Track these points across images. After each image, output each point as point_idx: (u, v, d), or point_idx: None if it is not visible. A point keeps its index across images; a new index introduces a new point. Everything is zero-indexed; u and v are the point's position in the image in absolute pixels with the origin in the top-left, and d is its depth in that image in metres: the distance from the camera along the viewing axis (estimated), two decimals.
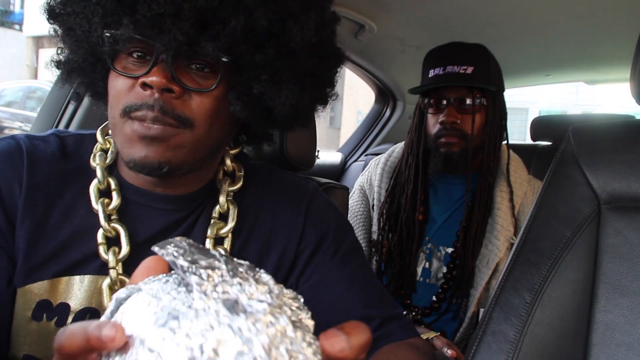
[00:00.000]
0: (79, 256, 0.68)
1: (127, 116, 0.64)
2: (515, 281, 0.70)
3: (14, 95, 7.88)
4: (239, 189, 0.78)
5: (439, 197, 1.47)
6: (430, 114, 1.41)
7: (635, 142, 0.74)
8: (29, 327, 0.67)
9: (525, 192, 1.40)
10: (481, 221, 1.37)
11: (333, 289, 0.76)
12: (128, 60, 0.65)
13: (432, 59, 1.44)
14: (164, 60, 0.62)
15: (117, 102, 0.65)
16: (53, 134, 0.75)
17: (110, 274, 0.67)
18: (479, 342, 0.68)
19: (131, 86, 0.64)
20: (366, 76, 2.42)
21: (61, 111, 1.35)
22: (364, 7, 1.66)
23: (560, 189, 0.76)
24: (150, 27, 0.60)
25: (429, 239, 1.44)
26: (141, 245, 0.70)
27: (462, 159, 1.37)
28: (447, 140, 1.36)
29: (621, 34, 1.80)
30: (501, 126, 1.43)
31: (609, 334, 0.68)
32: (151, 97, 0.62)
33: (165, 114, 0.62)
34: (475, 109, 1.36)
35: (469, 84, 1.35)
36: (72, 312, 0.67)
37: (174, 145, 0.64)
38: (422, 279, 1.42)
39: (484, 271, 1.33)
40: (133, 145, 0.64)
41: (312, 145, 1.34)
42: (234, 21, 0.60)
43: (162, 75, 0.61)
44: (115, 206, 0.70)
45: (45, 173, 0.70)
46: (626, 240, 0.70)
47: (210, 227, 0.74)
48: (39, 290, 0.67)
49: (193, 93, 0.64)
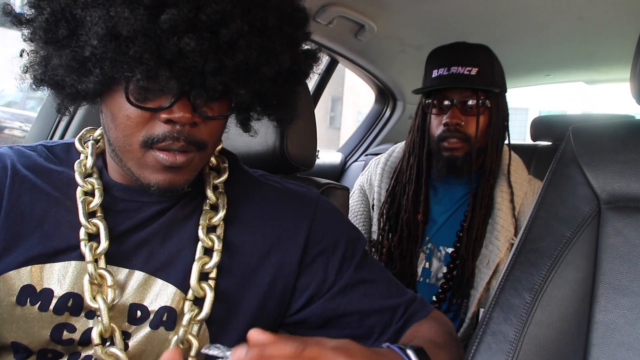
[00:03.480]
0: (63, 244, 0.71)
1: (148, 147, 0.66)
2: (515, 281, 0.70)
3: (14, 95, 7.87)
4: (226, 179, 0.80)
5: (439, 197, 1.47)
6: (434, 115, 1.40)
7: (635, 142, 0.74)
8: (14, 313, 0.68)
9: (526, 193, 1.40)
10: (482, 222, 1.36)
11: (358, 290, 0.80)
12: (141, 91, 0.63)
13: (436, 58, 1.42)
14: (187, 94, 0.63)
15: (134, 132, 0.65)
16: (40, 144, 0.79)
17: (88, 268, 0.69)
18: (479, 342, 0.68)
19: (149, 118, 0.64)
20: (366, 76, 2.42)
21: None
22: (364, 7, 1.66)
23: (560, 189, 0.76)
24: (186, 84, 0.61)
25: (429, 239, 1.43)
26: (125, 234, 0.73)
27: (466, 163, 1.37)
28: (451, 145, 1.36)
29: (621, 34, 1.80)
30: (503, 127, 1.42)
31: (609, 334, 0.68)
32: (174, 129, 0.64)
33: (190, 143, 0.66)
34: (479, 111, 1.35)
35: (473, 86, 1.34)
36: (55, 297, 0.69)
37: (191, 168, 0.69)
38: (422, 279, 1.42)
39: (484, 271, 1.33)
40: (157, 174, 0.67)
41: (312, 146, 1.33)
42: (265, 69, 0.64)
43: (185, 110, 0.63)
44: (96, 204, 0.72)
45: (31, 169, 0.73)
46: (626, 240, 0.70)
47: (202, 216, 0.76)
48: (22, 276, 0.69)
49: (209, 120, 0.68)
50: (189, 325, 0.71)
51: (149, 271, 0.72)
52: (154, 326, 0.71)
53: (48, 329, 0.69)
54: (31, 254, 0.69)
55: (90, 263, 0.69)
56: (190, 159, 0.67)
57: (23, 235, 0.70)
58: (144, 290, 0.72)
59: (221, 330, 0.75)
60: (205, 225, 0.75)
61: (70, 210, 0.72)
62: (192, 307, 0.71)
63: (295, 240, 0.80)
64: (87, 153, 0.76)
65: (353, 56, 2.12)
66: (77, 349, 0.70)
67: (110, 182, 0.75)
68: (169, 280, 0.73)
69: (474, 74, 1.33)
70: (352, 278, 0.80)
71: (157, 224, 0.74)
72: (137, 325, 0.71)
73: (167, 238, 0.75)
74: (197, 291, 0.72)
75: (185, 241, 0.75)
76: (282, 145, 1.25)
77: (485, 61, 1.37)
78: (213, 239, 0.74)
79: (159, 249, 0.74)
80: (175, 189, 0.69)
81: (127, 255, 0.72)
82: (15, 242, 0.69)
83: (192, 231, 0.76)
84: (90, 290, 0.68)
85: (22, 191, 0.72)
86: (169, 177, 0.67)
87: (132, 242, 0.73)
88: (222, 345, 0.56)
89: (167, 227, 0.75)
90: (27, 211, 0.71)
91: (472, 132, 1.35)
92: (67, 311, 0.69)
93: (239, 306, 0.76)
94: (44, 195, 0.72)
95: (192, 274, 0.72)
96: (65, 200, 0.73)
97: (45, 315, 0.68)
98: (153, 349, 0.72)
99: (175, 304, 0.72)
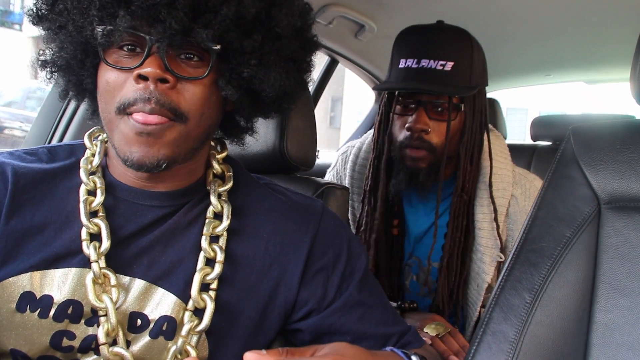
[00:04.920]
0: (64, 250, 0.70)
1: (122, 113, 0.65)
2: (515, 281, 0.70)
3: (14, 95, 7.87)
4: (230, 188, 0.79)
5: (414, 206, 1.28)
6: (397, 115, 1.18)
7: (635, 142, 0.74)
8: (14, 320, 0.68)
9: (513, 196, 1.19)
10: (459, 243, 1.18)
11: (356, 312, 0.80)
12: (119, 54, 0.67)
13: (404, 44, 1.19)
14: (156, 51, 0.64)
15: (111, 98, 0.66)
16: (42, 147, 0.79)
17: (93, 267, 0.68)
18: (479, 342, 0.68)
19: (124, 81, 0.66)
20: (366, 76, 2.42)
21: (61, 111, 1.35)
22: (364, 7, 1.66)
23: (560, 189, 0.76)
24: (144, 19, 0.62)
25: (411, 253, 1.28)
26: (127, 239, 0.72)
27: (429, 176, 1.17)
28: (413, 155, 1.15)
29: (621, 34, 1.80)
30: (481, 132, 1.20)
31: (609, 334, 0.68)
32: (146, 90, 0.64)
33: (162, 106, 0.64)
34: (450, 117, 1.13)
35: (444, 90, 1.11)
36: (55, 304, 0.68)
37: (169, 140, 0.66)
38: (412, 292, 1.33)
39: (475, 295, 1.20)
40: (130, 144, 0.66)
41: (312, 146, 1.33)
42: (225, 9, 0.63)
43: (156, 65, 0.63)
44: (98, 203, 0.71)
45: (32, 176, 0.72)
46: (626, 240, 0.70)
47: (206, 225, 0.75)
48: (22, 282, 0.68)
49: (186, 83, 0.67)
50: (188, 335, 0.70)
51: (150, 279, 0.72)
52: (154, 335, 0.71)
53: (47, 336, 0.68)
54: (31, 260, 0.68)
55: (95, 262, 0.68)
56: (164, 127, 0.65)
57: (23, 243, 0.69)
58: (145, 298, 0.71)
59: (220, 342, 0.74)
60: (209, 235, 0.74)
61: (70, 216, 0.71)
62: (192, 317, 0.71)
63: (298, 254, 0.79)
64: (95, 151, 0.76)
65: (353, 56, 2.12)
66: (77, 356, 0.70)
67: (113, 182, 0.75)
68: (170, 290, 0.72)
69: (449, 69, 1.11)
70: (352, 298, 0.80)
71: (159, 231, 0.73)
72: (137, 333, 0.71)
73: (169, 245, 0.74)
74: (197, 302, 0.71)
75: (187, 250, 0.74)
76: (281, 145, 1.24)
77: (463, 53, 1.14)
78: (215, 250, 0.74)
79: (161, 256, 0.73)
80: (149, 163, 0.65)
81: (128, 263, 0.71)
82: (15, 250, 0.69)
83: (194, 239, 0.75)
84: (94, 290, 0.67)
85: (23, 199, 0.71)
86: (142, 148, 0.65)
87: (133, 248, 0.72)
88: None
89: (169, 234, 0.74)
90: (28, 218, 0.70)
91: (440, 141, 1.13)
92: (66, 318, 0.68)
93: (239, 318, 0.75)
94: (44, 201, 0.72)
95: (194, 285, 0.71)
96: (65, 205, 0.72)
97: (45, 322, 0.68)
98: (152, 358, 0.71)
99: (175, 314, 0.71)
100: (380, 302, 0.83)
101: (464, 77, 1.14)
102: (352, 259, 0.82)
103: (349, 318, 0.79)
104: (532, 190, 1.20)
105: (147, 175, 0.73)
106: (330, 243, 0.82)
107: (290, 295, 0.78)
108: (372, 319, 0.80)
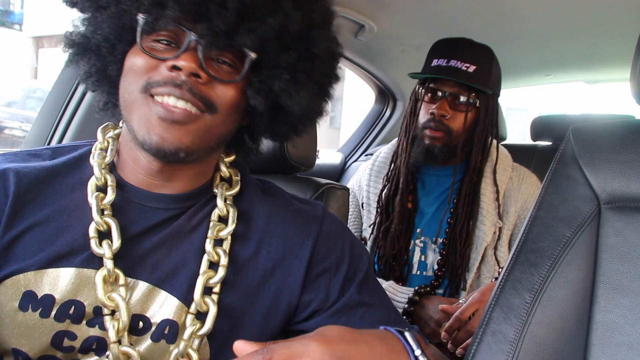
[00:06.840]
0: (66, 249, 0.69)
1: (147, 92, 0.65)
2: (515, 281, 0.70)
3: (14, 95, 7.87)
4: (237, 192, 0.79)
5: (426, 189, 1.52)
6: (425, 102, 1.44)
7: (635, 142, 0.74)
8: (16, 319, 0.68)
9: (510, 177, 1.45)
10: (466, 215, 1.42)
11: (357, 312, 0.80)
12: (154, 45, 0.67)
13: (438, 49, 1.46)
14: (194, 47, 0.64)
15: (138, 77, 0.66)
16: (46, 148, 0.79)
17: (107, 265, 0.68)
18: (479, 342, 0.68)
19: (155, 66, 0.66)
20: (366, 76, 2.42)
21: (61, 111, 1.35)
22: (364, 7, 1.66)
23: (560, 189, 0.76)
24: (191, 14, 0.63)
25: (420, 231, 1.47)
26: (132, 240, 0.72)
27: (443, 153, 1.41)
28: (432, 134, 1.40)
29: (621, 34, 1.81)
30: (492, 127, 1.46)
31: (609, 334, 0.68)
32: (178, 77, 0.64)
33: (194, 95, 0.65)
34: (468, 109, 1.39)
35: (466, 82, 1.37)
36: (56, 304, 0.68)
37: (193, 130, 0.66)
38: (419, 272, 1.46)
39: (473, 257, 1.40)
40: (151, 129, 0.65)
41: (312, 146, 1.34)
42: (271, 20, 0.65)
43: (191, 60, 0.64)
44: (109, 200, 0.71)
45: (35, 175, 0.72)
46: (626, 240, 0.70)
47: (210, 228, 0.74)
48: (24, 281, 0.68)
49: (217, 84, 0.67)
50: (190, 339, 0.70)
51: (154, 282, 0.71)
52: (156, 338, 0.70)
53: (48, 335, 0.68)
54: (33, 259, 0.68)
55: (110, 259, 0.68)
56: (190, 117, 0.65)
57: (26, 242, 0.69)
58: (148, 301, 0.71)
59: (222, 345, 0.74)
60: (213, 239, 0.74)
61: (73, 214, 0.71)
62: (194, 321, 0.70)
63: (300, 258, 0.79)
64: (106, 146, 0.75)
65: (353, 56, 2.12)
66: (77, 356, 0.70)
67: (120, 181, 0.74)
68: (172, 293, 0.72)
69: (471, 71, 1.37)
70: (353, 299, 0.80)
71: (163, 234, 0.73)
72: (139, 336, 0.70)
73: (173, 248, 0.73)
74: (200, 305, 0.71)
75: (191, 253, 0.74)
76: (282, 145, 1.25)
77: (485, 61, 1.41)
78: (219, 253, 0.73)
79: (165, 259, 0.73)
80: (168, 149, 0.65)
81: (132, 265, 0.71)
82: (18, 249, 0.69)
83: (198, 242, 0.75)
84: (104, 289, 0.67)
85: (26, 199, 0.71)
86: (162, 132, 0.64)
87: (138, 250, 0.72)
88: None
89: (173, 237, 0.74)
90: (30, 218, 0.70)
91: (455, 127, 1.39)
92: (68, 318, 0.68)
93: (241, 322, 0.75)
94: (47, 199, 0.72)
95: (197, 289, 0.71)
96: (69, 203, 0.72)
97: (47, 322, 0.68)
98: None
99: (178, 317, 0.71)
100: (382, 303, 0.84)
101: (483, 80, 1.39)
102: (354, 261, 0.83)
103: (350, 318, 0.79)
104: (526, 175, 1.48)
105: (159, 170, 0.72)
106: (332, 246, 0.82)
107: (293, 299, 0.78)
108: (373, 319, 0.80)
